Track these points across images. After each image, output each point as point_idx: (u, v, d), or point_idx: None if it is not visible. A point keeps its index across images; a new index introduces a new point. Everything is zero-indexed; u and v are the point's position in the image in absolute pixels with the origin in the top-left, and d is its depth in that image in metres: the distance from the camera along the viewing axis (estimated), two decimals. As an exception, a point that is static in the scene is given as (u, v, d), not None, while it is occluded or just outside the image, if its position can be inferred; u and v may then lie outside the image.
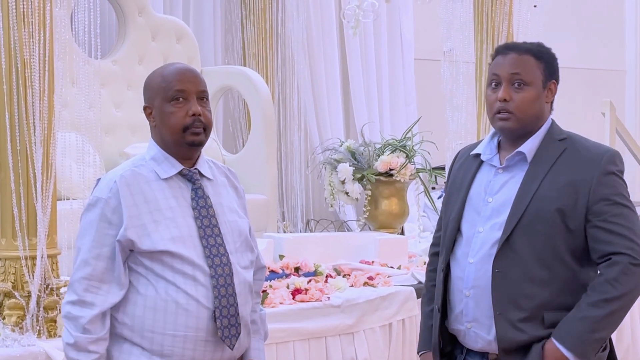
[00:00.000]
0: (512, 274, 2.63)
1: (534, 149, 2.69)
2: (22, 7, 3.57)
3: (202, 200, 2.68)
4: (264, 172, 6.07)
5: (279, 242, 5.29)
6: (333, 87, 7.59)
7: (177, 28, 6.31)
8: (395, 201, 6.06)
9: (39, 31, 3.60)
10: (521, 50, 2.69)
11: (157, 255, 2.59)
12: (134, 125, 6.01)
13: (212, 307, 2.62)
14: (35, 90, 3.60)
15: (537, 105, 2.68)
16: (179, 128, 2.65)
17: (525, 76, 2.66)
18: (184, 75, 2.69)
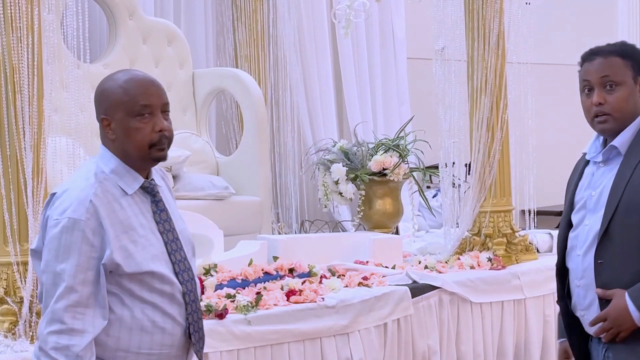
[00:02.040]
0: (613, 264, 2.75)
1: (626, 142, 2.82)
2: (10, 11, 3.55)
3: (163, 213, 2.64)
4: (257, 173, 6.06)
5: (273, 243, 5.28)
6: (326, 87, 7.58)
7: (168, 31, 6.30)
8: (389, 201, 6.05)
9: (27, 36, 3.59)
10: (606, 53, 2.85)
11: (138, 276, 2.53)
12: (126, 129, 5.98)
13: (185, 324, 2.60)
14: (24, 95, 3.59)
15: (631, 102, 2.81)
16: (145, 145, 2.58)
17: (615, 77, 2.81)
18: (148, 89, 2.62)
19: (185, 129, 6.25)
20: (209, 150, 6.28)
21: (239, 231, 5.70)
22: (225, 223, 5.49)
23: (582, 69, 2.88)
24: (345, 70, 7.75)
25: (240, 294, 4.41)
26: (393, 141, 6.11)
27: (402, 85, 8.28)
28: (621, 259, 2.75)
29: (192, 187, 5.69)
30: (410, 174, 6.11)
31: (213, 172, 6.20)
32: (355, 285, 4.88)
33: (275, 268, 4.82)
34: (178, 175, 5.72)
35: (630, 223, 2.73)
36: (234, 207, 5.84)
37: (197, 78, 6.41)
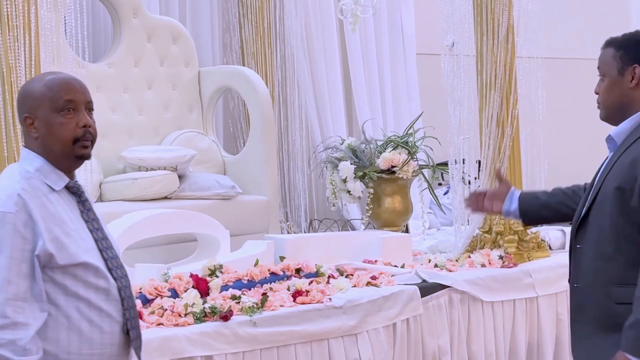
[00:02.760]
0: (588, 249, 2.82)
1: (623, 133, 2.86)
2: (6, 9, 3.49)
3: (90, 212, 2.63)
4: (264, 172, 5.99)
5: (280, 243, 5.21)
6: (334, 84, 7.50)
7: (173, 29, 6.24)
8: (398, 199, 5.99)
9: (25, 34, 3.53)
10: (607, 44, 2.92)
11: (71, 269, 2.49)
12: (131, 129, 5.95)
13: (122, 320, 2.57)
14: (21, 95, 3.51)
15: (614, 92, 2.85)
16: (69, 140, 2.58)
17: (602, 68, 2.89)
18: (71, 85, 2.62)
19: (192, 128, 6.19)
20: (216, 149, 6.21)
21: (246, 231, 5.64)
22: (232, 223, 5.43)
23: None
24: (353, 66, 7.67)
25: (245, 295, 4.35)
26: (402, 138, 6.04)
27: (411, 81, 8.19)
28: (595, 245, 2.80)
29: (198, 187, 5.63)
30: (420, 171, 6.04)
31: (220, 171, 6.14)
32: (363, 285, 4.82)
33: (281, 268, 4.76)
34: (184, 174, 5.66)
35: (603, 210, 2.79)
36: (241, 206, 5.78)
37: (203, 76, 6.35)
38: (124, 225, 4.75)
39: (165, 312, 4.04)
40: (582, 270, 2.84)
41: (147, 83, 6.09)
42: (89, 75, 5.75)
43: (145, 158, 5.55)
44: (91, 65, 5.85)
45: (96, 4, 6.19)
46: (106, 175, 5.58)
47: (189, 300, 4.17)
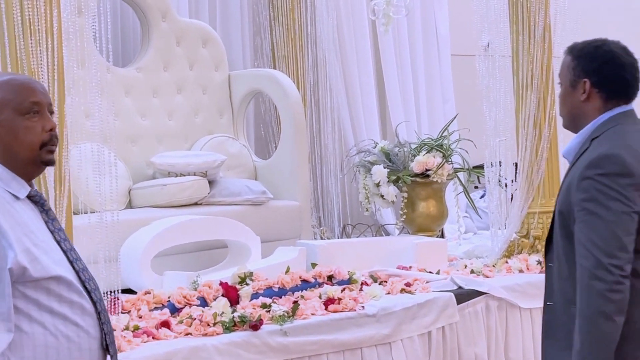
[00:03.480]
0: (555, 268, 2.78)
1: (573, 149, 2.77)
2: (28, 14, 3.42)
3: (55, 222, 2.47)
4: (295, 177, 5.90)
5: (312, 249, 5.12)
6: (367, 86, 7.41)
7: (202, 32, 6.17)
8: (433, 203, 5.87)
9: (47, 39, 3.45)
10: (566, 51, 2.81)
11: (44, 282, 2.32)
12: (160, 134, 5.88)
13: (99, 336, 2.41)
14: (44, 101, 3.44)
15: (567, 104, 2.76)
16: (36, 144, 2.43)
17: (560, 76, 2.79)
18: (35, 87, 2.47)
19: (222, 133, 6.11)
20: (246, 154, 6.13)
21: (277, 237, 5.55)
22: (263, 229, 5.35)
23: None
24: (387, 68, 7.57)
25: (276, 303, 4.25)
26: (436, 141, 5.92)
27: (446, 82, 8.07)
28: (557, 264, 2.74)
29: (229, 193, 5.55)
30: (455, 175, 5.91)
31: (251, 176, 6.06)
32: (397, 292, 4.71)
33: (313, 275, 4.66)
34: (214, 180, 5.59)
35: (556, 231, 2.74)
36: (272, 212, 5.69)
37: (233, 80, 6.27)
38: (152, 233, 4.68)
39: (194, 322, 3.95)
40: (552, 289, 2.78)
41: (176, 87, 6.02)
42: (117, 79, 5.70)
43: (174, 164, 5.48)
44: (120, 70, 5.80)
45: (125, 8, 6.13)
46: (135, 181, 5.51)
47: (218, 309, 4.08)
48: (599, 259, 2.55)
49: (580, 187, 2.62)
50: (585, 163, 2.63)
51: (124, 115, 5.71)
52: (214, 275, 4.59)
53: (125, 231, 4.72)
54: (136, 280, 4.57)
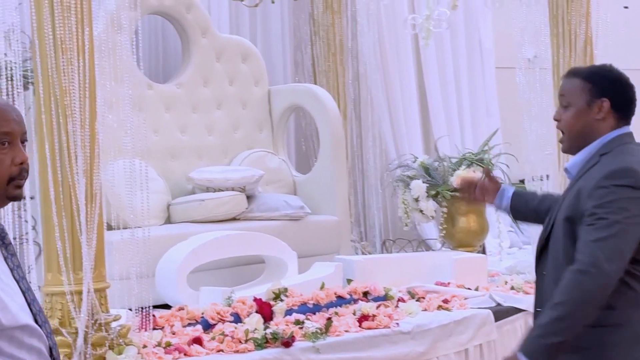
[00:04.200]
0: (548, 276, 2.85)
1: (577, 164, 2.88)
2: (59, 33, 3.44)
3: (15, 258, 2.28)
4: (334, 192, 5.88)
5: (350, 265, 5.10)
6: (409, 100, 7.37)
7: (242, 48, 6.18)
8: (474, 218, 5.81)
9: (78, 57, 3.47)
10: (572, 74, 2.95)
11: (10, 331, 2.14)
12: (200, 149, 5.89)
13: None
14: (75, 118, 3.48)
15: (580, 122, 2.86)
16: (4, 179, 2.20)
17: (568, 97, 2.89)
18: (9, 115, 2.25)
19: (261, 148, 6.11)
20: (286, 169, 6.12)
21: (315, 252, 5.53)
22: (301, 244, 5.34)
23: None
24: (429, 82, 7.53)
25: (310, 320, 4.23)
26: (476, 155, 5.86)
27: (490, 95, 8.01)
28: (552, 271, 2.82)
29: (267, 208, 5.54)
30: (496, 190, 5.82)
31: (290, 191, 6.05)
32: (434, 308, 4.67)
33: (348, 291, 4.64)
34: (252, 195, 5.58)
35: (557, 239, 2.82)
36: (311, 227, 5.67)
37: (273, 95, 6.27)
38: (188, 248, 4.69)
39: (226, 338, 3.95)
40: (544, 296, 2.83)
41: (216, 103, 6.04)
42: (158, 95, 5.74)
43: (213, 179, 5.49)
44: (160, 86, 5.83)
45: (167, 25, 6.17)
46: (174, 196, 5.53)
47: (251, 326, 4.07)
48: (597, 258, 2.65)
49: (593, 195, 2.72)
50: (602, 174, 2.74)
51: (163, 130, 5.74)
52: (249, 291, 4.58)
53: (163, 246, 4.75)
54: (172, 295, 4.58)
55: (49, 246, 3.54)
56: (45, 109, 3.47)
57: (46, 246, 3.56)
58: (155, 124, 5.70)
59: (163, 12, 5.88)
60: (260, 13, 6.74)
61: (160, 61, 6.26)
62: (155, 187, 5.42)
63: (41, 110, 3.48)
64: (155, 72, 6.19)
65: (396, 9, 7.17)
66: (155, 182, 5.43)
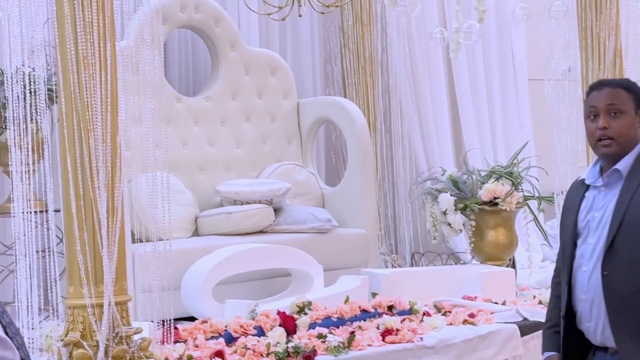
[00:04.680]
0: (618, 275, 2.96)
1: (628, 166, 3.06)
2: (82, 48, 3.47)
3: None
4: (362, 205, 5.87)
5: (376, 278, 5.09)
6: (440, 112, 7.34)
7: (271, 61, 6.20)
8: (502, 231, 5.76)
9: (100, 72, 3.50)
10: (613, 85, 3.14)
11: None
12: (228, 162, 5.92)
13: None
14: (97, 132, 3.50)
15: (632, 130, 3.09)
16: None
17: (620, 106, 3.08)
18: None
19: (290, 160, 6.12)
20: (314, 182, 6.12)
21: (343, 265, 5.53)
22: (328, 257, 5.35)
23: (590, 97, 3.14)
24: (460, 93, 7.49)
25: (333, 333, 4.22)
26: (505, 168, 5.81)
27: (523, 108, 7.95)
28: (625, 269, 2.94)
29: (294, 220, 5.55)
30: (525, 203, 5.79)
31: (318, 203, 6.05)
32: (459, 323, 4.64)
33: (373, 305, 4.62)
34: (280, 208, 5.59)
35: (633, 236, 2.95)
36: (338, 240, 5.66)
37: (301, 108, 6.28)
38: (213, 261, 4.70)
39: (248, 352, 3.95)
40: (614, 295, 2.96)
41: (245, 116, 6.06)
42: (186, 108, 5.78)
43: (240, 191, 5.50)
44: (188, 99, 5.87)
45: (196, 39, 6.21)
46: (202, 209, 5.55)
47: (274, 339, 4.08)
48: None
49: None
50: None
51: (192, 143, 5.77)
52: (274, 304, 4.58)
53: (190, 259, 4.78)
54: (198, 308, 4.60)
55: (71, 259, 3.56)
56: (67, 123, 3.51)
57: (68, 259, 3.59)
58: (184, 137, 5.74)
59: (192, 26, 5.93)
60: (290, 26, 6.77)
61: (189, 74, 6.30)
62: (183, 199, 5.46)
63: (63, 124, 3.51)
64: (185, 86, 6.23)
65: (427, 21, 7.15)
66: (183, 195, 5.47)
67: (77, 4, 3.47)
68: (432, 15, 7.21)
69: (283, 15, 5.38)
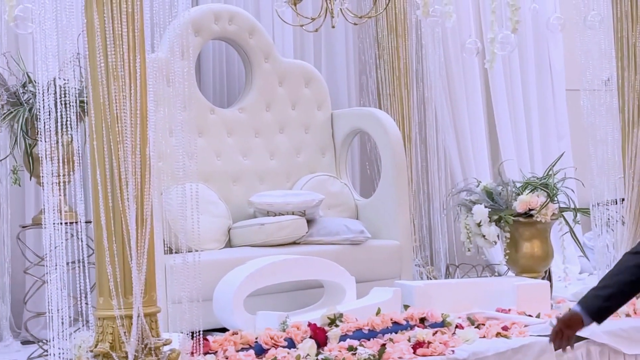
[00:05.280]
0: None
1: None
2: (111, 60, 3.50)
3: None
4: (395, 216, 5.85)
5: (409, 290, 5.06)
6: (476, 123, 7.31)
7: (305, 72, 6.20)
8: (537, 243, 5.71)
9: (130, 84, 3.52)
10: None
11: None
12: (262, 173, 5.92)
13: None
14: (127, 144, 3.52)
15: None
16: None
17: None
18: None
19: (324, 172, 6.11)
20: (347, 193, 6.11)
21: (376, 277, 5.52)
22: (361, 269, 5.34)
23: None
24: (497, 104, 7.45)
25: (364, 346, 4.20)
26: (541, 180, 5.76)
27: (561, 118, 7.88)
28: None
29: (327, 232, 5.54)
30: (560, 215, 5.74)
31: (352, 215, 6.04)
32: (492, 335, 4.60)
33: (405, 317, 4.60)
34: (313, 219, 5.59)
35: None
36: (371, 251, 5.64)
37: (335, 119, 6.28)
38: (245, 272, 4.70)
39: (277, 364, 3.94)
40: None
41: (278, 127, 6.07)
42: (220, 120, 5.79)
43: (273, 203, 5.51)
44: (222, 111, 5.89)
45: (230, 50, 6.23)
46: (236, 220, 5.56)
47: (304, 351, 4.07)
48: None
49: None
50: None
51: (226, 155, 5.78)
52: (305, 316, 4.58)
53: (222, 270, 4.79)
54: (229, 319, 4.60)
55: (101, 271, 3.58)
56: (97, 135, 3.53)
57: (98, 270, 3.61)
58: (218, 148, 5.75)
59: (226, 37, 5.95)
60: (324, 37, 6.77)
61: (223, 86, 6.32)
62: (217, 210, 5.47)
63: (93, 136, 3.53)
64: (219, 97, 6.25)
65: (462, 31, 7.12)
66: (216, 206, 5.48)
67: (107, 16, 3.50)
68: (468, 25, 7.18)
69: (316, 27, 5.39)
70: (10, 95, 4.88)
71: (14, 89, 4.90)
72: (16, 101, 4.85)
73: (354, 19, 5.38)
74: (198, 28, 5.70)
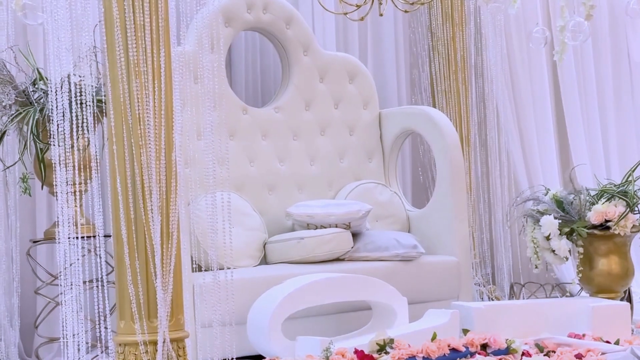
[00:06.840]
0: None
1: None
2: (132, 55, 3.53)
3: None
4: (452, 229, 5.85)
5: (468, 312, 5.05)
6: (544, 123, 7.30)
7: (349, 66, 6.22)
8: (615, 259, 5.68)
9: (154, 81, 3.55)
10: None
11: None
12: (301, 181, 5.95)
13: None
14: (150, 149, 3.54)
15: None
16: None
17: None
18: None
19: (371, 179, 6.12)
20: (398, 203, 6.12)
21: (431, 297, 5.53)
22: (413, 288, 5.37)
23: None
24: (568, 101, 7.43)
25: (418, 375, 4.20)
26: (619, 187, 5.73)
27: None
28: None
29: (375, 247, 5.55)
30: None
31: (403, 227, 6.04)
32: (564, 364, 4.57)
33: (464, 343, 4.58)
34: (359, 232, 5.60)
35: None
36: (425, 269, 5.65)
37: (384, 119, 6.29)
38: (283, 293, 4.72)
39: (319, 395, 3.95)
40: None
41: (319, 128, 6.09)
42: (254, 120, 5.82)
43: (313, 214, 5.52)
44: (256, 110, 5.91)
45: (265, 43, 6.26)
46: (271, 233, 5.59)
47: (350, 382, 4.07)
48: None
49: None
50: None
51: (260, 160, 5.81)
52: (351, 342, 4.59)
53: (257, 290, 4.82)
54: (265, 346, 4.61)
55: (122, 291, 3.61)
56: (117, 139, 3.56)
57: (119, 291, 3.64)
58: (251, 153, 5.78)
59: (260, 28, 5.98)
60: (370, 27, 6.80)
61: (257, 82, 6.36)
62: (251, 223, 5.50)
63: (112, 140, 3.56)
64: (253, 95, 6.29)
65: (527, 19, 7.11)
66: (250, 218, 5.51)
67: (128, 5, 3.53)
68: (534, 11, 7.16)
69: (362, 15, 5.40)
70: (18, 94, 4.94)
71: (22, 87, 4.97)
72: (25, 101, 4.92)
73: (405, 5, 5.39)
74: (229, 17, 5.73)
